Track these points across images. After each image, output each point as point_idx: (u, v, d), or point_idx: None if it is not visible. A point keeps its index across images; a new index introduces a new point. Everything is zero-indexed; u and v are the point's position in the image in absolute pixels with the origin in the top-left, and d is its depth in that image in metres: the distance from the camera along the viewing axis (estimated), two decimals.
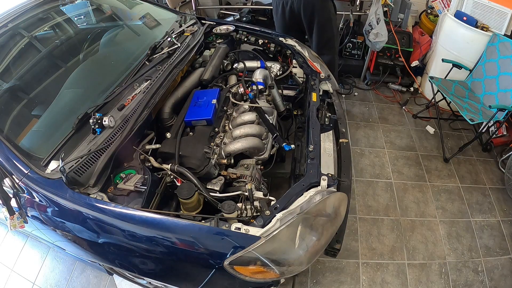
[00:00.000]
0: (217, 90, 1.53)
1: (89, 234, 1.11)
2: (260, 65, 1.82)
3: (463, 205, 2.22)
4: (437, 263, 1.91)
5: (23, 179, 1.12)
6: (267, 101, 1.64)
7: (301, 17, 2.21)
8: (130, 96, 1.40)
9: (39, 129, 1.30)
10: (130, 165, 1.24)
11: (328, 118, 1.57)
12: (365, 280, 1.83)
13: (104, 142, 1.20)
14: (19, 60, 1.45)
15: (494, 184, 2.37)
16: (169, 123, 1.49)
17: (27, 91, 1.40)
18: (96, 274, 1.92)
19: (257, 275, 1.04)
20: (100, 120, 1.24)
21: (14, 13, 1.50)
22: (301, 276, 1.82)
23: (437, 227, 2.09)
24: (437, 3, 3.35)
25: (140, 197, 1.11)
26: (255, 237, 0.96)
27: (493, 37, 2.37)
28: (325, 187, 1.13)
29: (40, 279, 1.95)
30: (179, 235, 1.01)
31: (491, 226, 2.11)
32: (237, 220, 1.04)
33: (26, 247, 2.12)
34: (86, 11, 1.94)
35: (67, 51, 1.65)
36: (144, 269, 1.17)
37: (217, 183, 1.26)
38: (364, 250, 1.96)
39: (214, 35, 1.98)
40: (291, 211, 1.03)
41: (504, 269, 1.90)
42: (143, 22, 1.99)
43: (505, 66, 2.33)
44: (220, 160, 1.33)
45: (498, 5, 2.28)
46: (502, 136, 2.60)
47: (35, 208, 1.19)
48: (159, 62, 1.59)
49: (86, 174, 1.13)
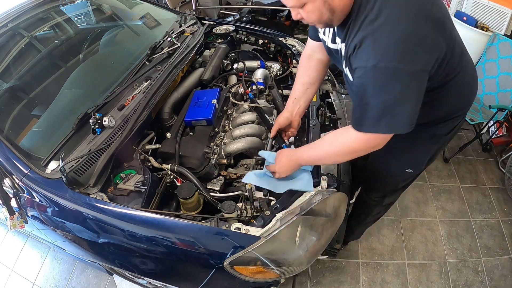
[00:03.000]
0: (217, 90, 1.53)
1: (89, 234, 1.12)
2: (260, 65, 1.82)
3: (463, 205, 2.22)
4: (437, 263, 1.91)
5: (23, 179, 1.12)
6: (267, 101, 1.64)
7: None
8: (130, 96, 1.40)
9: (39, 129, 1.30)
10: (130, 165, 1.24)
11: (328, 118, 1.57)
12: (365, 280, 1.83)
13: (104, 142, 1.20)
14: (19, 60, 1.45)
15: (494, 184, 2.37)
16: (169, 123, 1.49)
17: (27, 91, 1.40)
18: (96, 274, 1.92)
19: (257, 275, 1.04)
20: (100, 120, 1.24)
21: (14, 13, 1.50)
22: (301, 276, 1.83)
23: (437, 227, 2.09)
24: None
25: (140, 197, 1.11)
26: (255, 237, 0.96)
27: (493, 37, 2.37)
28: (325, 187, 1.13)
29: (40, 279, 1.95)
30: (179, 235, 1.01)
31: (491, 226, 2.11)
32: (237, 220, 1.04)
33: (26, 247, 2.12)
34: (86, 11, 1.94)
35: (67, 51, 1.65)
36: (144, 269, 1.17)
37: (217, 183, 1.26)
38: (364, 250, 1.96)
39: (214, 35, 1.98)
40: (291, 211, 1.03)
41: (504, 269, 1.90)
42: (143, 22, 1.99)
43: (505, 66, 2.33)
44: (220, 160, 1.33)
45: (498, 5, 2.29)
46: (502, 136, 2.60)
47: (35, 208, 1.19)
48: (159, 62, 1.59)
49: (86, 174, 1.13)
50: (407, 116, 0.84)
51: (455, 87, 0.97)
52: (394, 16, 0.79)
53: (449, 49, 0.86)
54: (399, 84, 0.80)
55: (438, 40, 0.82)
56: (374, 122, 0.85)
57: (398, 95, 0.81)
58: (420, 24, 0.78)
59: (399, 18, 0.78)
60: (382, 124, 0.85)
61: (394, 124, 0.85)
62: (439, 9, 0.84)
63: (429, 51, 0.81)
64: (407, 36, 0.77)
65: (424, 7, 0.80)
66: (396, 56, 0.78)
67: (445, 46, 0.84)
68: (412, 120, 0.85)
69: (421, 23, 0.78)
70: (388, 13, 0.79)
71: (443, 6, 0.87)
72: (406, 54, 0.78)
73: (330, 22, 0.87)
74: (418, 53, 0.79)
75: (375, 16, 0.80)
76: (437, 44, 0.82)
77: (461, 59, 0.95)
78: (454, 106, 1.05)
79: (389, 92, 0.81)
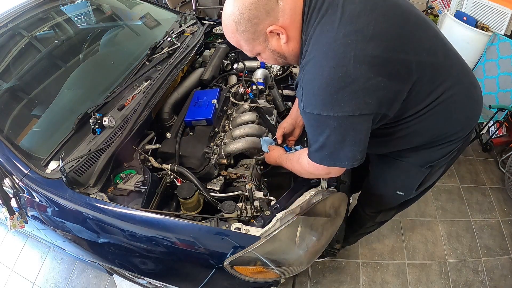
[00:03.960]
0: (217, 90, 1.52)
1: (89, 234, 1.12)
2: (260, 65, 1.81)
3: (463, 205, 2.22)
4: (437, 263, 1.91)
5: (23, 179, 1.12)
6: (267, 101, 1.64)
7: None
8: (130, 96, 1.39)
9: (39, 129, 1.30)
10: (130, 165, 1.24)
11: None
12: (365, 280, 1.83)
13: (104, 142, 1.20)
14: (19, 60, 1.44)
15: (494, 184, 2.37)
16: (169, 123, 1.49)
17: (27, 91, 1.40)
18: (96, 274, 1.92)
19: (257, 275, 1.04)
20: (100, 120, 1.24)
21: (14, 13, 1.49)
22: (301, 276, 1.83)
23: (437, 227, 2.09)
24: (437, 3, 3.36)
25: (140, 197, 1.11)
26: (255, 237, 0.96)
27: (493, 37, 2.37)
28: (325, 187, 1.13)
29: (40, 279, 1.95)
30: (179, 235, 1.01)
31: (491, 226, 2.11)
32: (237, 220, 1.04)
33: (26, 247, 2.12)
34: (86, 11, 1.93)
35: (67, 51, 1.65)
36: (144, 269, 1.17)
37: (217, 183, 1.26)
38: (364, 250, 1.96)
39: (214, 35, 1.98)
40: (291, 211, 1.03)
41: (504, 269, 1.90)
42: (143, 22, 1.99)
43: (505, 66, 2.33)
44: (220, 160, 1.33)
45: (498, 5, 2.29)
46: (502, 136, 2.60)
47: (35, 208, 1.19)
48: (159, 62, 1.59)
49: (86, 174, 1.13)
50: (346, 154, 0.85)
51: (440, 113, 0.89)
52: (318, 62, 0.78)
53: (408, 82, 0.81)
54: (327, 129, 0.82)
55: (376, 80, 0.75)
56: (317, 155, 0.90)
57: (331, 137, 0.83)
58: (346, 69, 0.74)
59: (321, 65, 0.77)
60: (324, 158, 0.89)
61: (336, 159, 0.87)
62: (379, 43, 0.76)
63: (361, 95, 0.75)
64: (328, 85, 0.75)
65: (355, 46, 0.74)
66: (318, 104, 0.79)
67: (395, 82, 0.79)
68: (354, 156, 0.85)
69: (348, 67, 0.74)
70: (313, 59, 0.79)
71: (392, 36, 0.78)
72: (328, 103, 0.77)
73: (288, 64, 0.93)
74: (344, 99, 0.75)
75: (305, 61, 0.82)
76: (377, 85, 0.76)
77: (443, 83, 0.86)
78: (443, 131, 0.96)
79: (320, 133, 0.84)
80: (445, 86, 0.87)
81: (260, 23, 0.81)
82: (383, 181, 1.22)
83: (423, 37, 0.84)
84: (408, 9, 0.85)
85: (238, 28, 0.84)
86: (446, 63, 0.88)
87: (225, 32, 0.88)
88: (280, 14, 0.81)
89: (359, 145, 0.84)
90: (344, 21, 0.76)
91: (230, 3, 0.83)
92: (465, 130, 1.00)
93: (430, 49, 0.85)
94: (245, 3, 0.79)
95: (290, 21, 0.82)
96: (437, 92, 0.86)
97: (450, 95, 0.88)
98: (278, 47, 0.87)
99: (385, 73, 0.77)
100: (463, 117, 0.96)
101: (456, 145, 1.02)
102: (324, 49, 0.77)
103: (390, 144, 1.02)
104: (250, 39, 0.86)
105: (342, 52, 0.75)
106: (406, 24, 0.82)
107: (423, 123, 0.91)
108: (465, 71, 0.94)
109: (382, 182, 1.23)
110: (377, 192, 1.27)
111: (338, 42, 0.75)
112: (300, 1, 0.81)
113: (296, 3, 0.81)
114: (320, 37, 0.79)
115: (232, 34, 0.86)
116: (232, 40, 0.89)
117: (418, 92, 0.84)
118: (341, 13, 0.77)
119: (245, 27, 0.83)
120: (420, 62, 0.81)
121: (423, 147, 1.00)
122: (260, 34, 0.84)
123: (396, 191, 1.20)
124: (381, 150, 1.09)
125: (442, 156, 1.03)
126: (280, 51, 0.88)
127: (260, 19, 0.81)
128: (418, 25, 0.85)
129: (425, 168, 1.07)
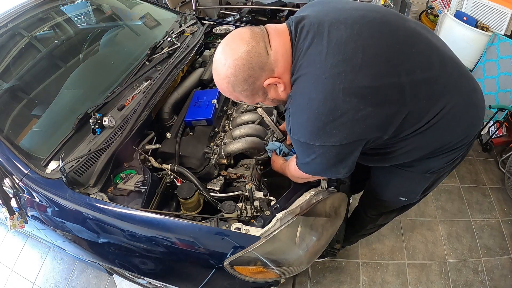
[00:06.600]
0: (217, 90, 1.52)
1: (89, 234, 1.12)
2: None
3: (463, 205, 2.22)
4: (437, 263, 1.91)
5: (23, 179, 1.12)
6: None
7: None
8: (130, 96, 1.39)
9: (39, 129, 1.30)
10: (130, 165, 1.24)
11: None
12: (365, 280, 1.83)
13: (104, 142, 1.20)
14: (19, 60, 1.44)
15: (494, 184, 2.37)
16: (169, 123, 1.49)
17: (27, 91, 1.40)
18: (96, 274, 1.92)
19: (257, 275, 1.04)
20: (100, 120, 1.24)
21: (14, 13, 1.49)
22: (301, 276, 1.83)
23: (437, 227, 2.09)
24: (437, 3, 3.36)
25: (140, 197, 1.11)
26: (255, 237, 0.96)
27: (493, 37, 2.37)
28: (325, 187, 1.13)
29: (40, 279, 1.95)
30: (179, 235, 1.01)
31: (491, 226, 2.11)
32: (237, 220, 1.04)
33: (26, 247, 2.12)
34: (86, 11, 1.94)
35: (67, 51, 1.65)
36: (144, 269, 1.17)
37: (217, 183, 1.26)
38: (364, 250, 1.96)
39: (214, 35, 1.98)
40: (291, 211, 1.03)
41: (504, 269, 1.90)
42: (143, 22, 1.99)
43: (505, 66, 2.33)
44: (220, 160, 1.33)
45: (498, 5, 2.29)
46: (502, 136, 2.60)
47: (35, 208, 1.19)
48: (159, 62, 1.59)
49: (86, 174, 1.13)
50: (331, 171, 0.90)
51: (441, 127, 0.87)
52: (307, 94, 0.78)
53: (402, 105, 0.79)
54: (314, 154, 0.84)
55: (366, 111, 0.75)
56: (303, 167, 0.94)
57: (317, 159, 0.85)
58: (335, 102, 0.74)
59: (310, 98, 0.77)
60: (309, 171, 0.95)
61: (320, 174, 0.94)
62: (369, 71, 0.75)
63: (350, 126, 0.76)
64: (316, 118, 0.76)
65: (344, 78, 0.73)
66: (306, 134, 0.80)
67: (387, 108, 0.78)
68: (338, 173, 0.90)
69: (337, 100, 0.74)
70: (302, 90, 0.80)
71: (381, 60, 0.77)
72: (315, 134, 0.78)
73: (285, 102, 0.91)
74: (331, 131, 0.77)
75: (293, 92, 0.83)
76: (367, 115, 0.75)
77: (441, 98, 0.83)
78: (446, 142, 0.93)
79: (307, 156, 0.87)
80: (443, 100, 0.83)
81: (257, 80, 0.82)
82: (386, 188, 1.21)
83: (415, 52, 0.81)
84: (396, 24, 0.83)
85: (235, 89, 0.84)
86: (442, 73, 0.84)
87: (221, 91, 0.89)
88: (274, 65, 0.81)
89: (345, 166, 0.87)
90: (332, 51, 0.76)
91: (220, 63, 0.81)
92: (470, 136, 0.97)
93: (423, 63, 0.82)
94: (237, 64, 0.79)
95: (284, 68, 0.82)
96: (436, 107, 0.83)
97: (450, 108, 0.84)
98: (277, 96, 0.89)
99: (375, 103, 0.76)
100: (465, 126, 0.93)
101: (461, 151, 0.99)
102: (313, 81, 0.77)
103: (392, 160, 1.01)
104: (249, 95, 0.87)
105: (331, 84, 0.74)
106: (396, 43, 0.80)
107: (425, 138, 0.89)
108: (463, 77, 0.90)
109: (385, 188, 1.22)
110: (379, 197, 1.26)
111: (327, 75, 0.75)
112: (288, 42, 0.81)
113: (285, 45, 0.81)
114: (308, 69, 0.78)
115: (230, 93, 0.88)
116: (231, 97, 0.92)
117: (415, 111, 0.82)
118: (328, 42, 0.76)
119: (242, 87, 0.83)
120: (413, 81, 0.79)
121: (426, 156, 0.98)
122: (258, 89, 0.85)
123: (400, 197, 1.20)
124: (383, 164, 1.08)
125: (447, 163, 1.02)
126: (279, 98, 0.90)
127: (256, 77, 0.81)
128: (408, 40, 0.82)
129: (429, 173, 1.06)
